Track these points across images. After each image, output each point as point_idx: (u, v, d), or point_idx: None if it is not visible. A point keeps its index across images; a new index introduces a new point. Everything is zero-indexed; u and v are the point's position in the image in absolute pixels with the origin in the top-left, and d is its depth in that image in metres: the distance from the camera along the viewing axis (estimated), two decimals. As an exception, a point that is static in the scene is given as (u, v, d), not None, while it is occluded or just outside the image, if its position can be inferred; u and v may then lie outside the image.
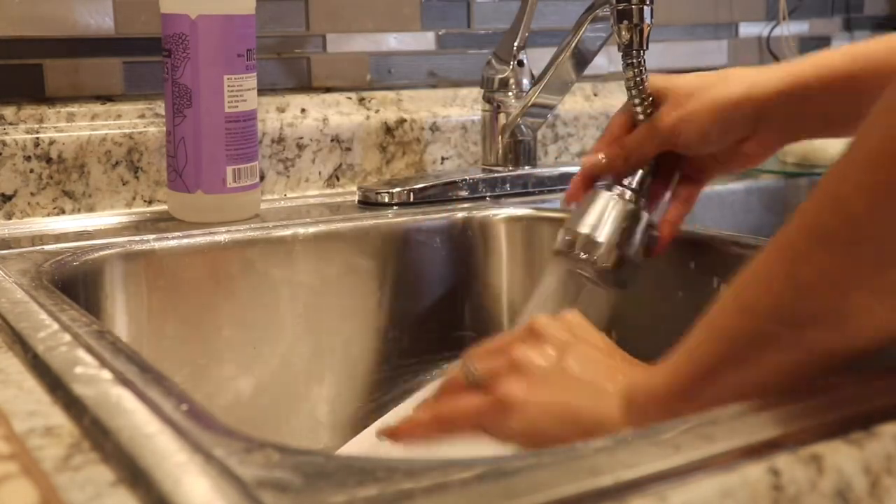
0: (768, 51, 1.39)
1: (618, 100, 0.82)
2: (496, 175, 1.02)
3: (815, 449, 0.41)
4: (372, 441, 0.64)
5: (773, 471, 0.40)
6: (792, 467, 0.40)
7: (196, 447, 0.41)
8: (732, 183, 1.10)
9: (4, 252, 0.77)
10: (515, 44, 1.02)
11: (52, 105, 0.94)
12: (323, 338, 0.88)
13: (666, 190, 0.79)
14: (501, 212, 0.96)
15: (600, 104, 1.20)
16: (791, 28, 1.39)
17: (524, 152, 1.04)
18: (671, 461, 0.40)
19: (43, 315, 0.60)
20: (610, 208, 0.75)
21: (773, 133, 0.73)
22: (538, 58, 1.02)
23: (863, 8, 1.49)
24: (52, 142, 0.91)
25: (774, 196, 1.14)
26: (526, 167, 1.04)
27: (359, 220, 0.91)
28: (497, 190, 1.02)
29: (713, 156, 0.77)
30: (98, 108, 0.95)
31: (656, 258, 0.78)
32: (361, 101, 1.07)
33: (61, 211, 0.92)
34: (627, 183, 0.76)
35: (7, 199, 0.90)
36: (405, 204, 0.96)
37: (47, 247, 0.79)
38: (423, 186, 0.98)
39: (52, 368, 0.51)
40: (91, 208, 0.93)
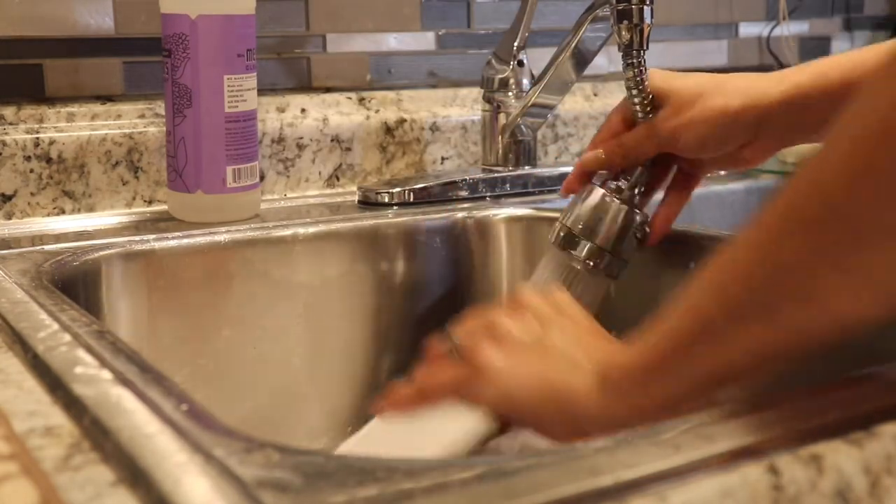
0: (768, 51, 1.39)
1: (618, 100, 0.82)
2: (496, 175, 1.02)
3: (815, 449, 0.41)
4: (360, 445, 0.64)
5: (773, 471, 0.40)
6: (792, 467, 0.40)
7: (196, 447, 0.41)
8: (732, 183, 1.10)
9: (4, 252, 0.77)
10: (515, 44, 1.02)
11: (52, 105, 0.94)
12: (323, 338, 0.88)
13: (661, 186, 0.80)
14: (501, 212, 0.96)
15: (600, 104, 1.20)
16: (791, 28, 1.39)
17: (524, 152, 1.04)
18: (671, 461, 0.40)
19: (43, 315, 0.60)
20: (605, 204, 0.76)
21: (772, 140, 0.74)
22: (538, 58, 1.02)
23: (863, 8, 1.49)
24: (52, 142, 0.91)
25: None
26: (526, 167, 1.04)
27: (359, 220, 0.91)
28: (497, 190, 1.02)
29: (711, 157, 0.77)
30: (98, 108, 0.95)
31: (655, 257, 0.78)
32: (361, 101, 1.07)
33: (61, 211, 0.92)
34: (623, 179, 0.77)
35: (7, 199, 0.90)
36: (405, 204, 0.96)
37: (47, 247, 0.79)
38: (423, 186, 0.98)
39: (52, 368, 0.51)
40: (91, 208, 0.93)
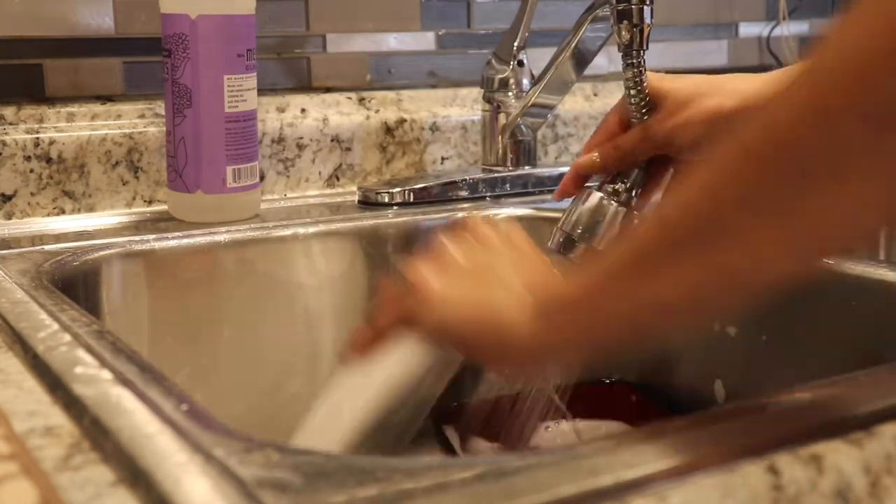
0: (768, 51, 1.39)
1: (617, 100, 0.82)
2: (496, 175, 1.02)
3: (815, 449, 0.41)
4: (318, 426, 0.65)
5: (773, 471, 0.40)
6: (792, 467, 0.40)
7: (196, 447, 0.41)
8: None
9: (4, 252, 0.77)
10: (515, 44, 1.02)
11: (52, 105, 0.94)
12: (323, 337, 0.88)
13: (659, 188, 0.80)
14: (501, 212, 0.96)
15: (600, 104, 1.19)
16: (791, 28, 1.39)
17: (524, 152, 1.04)
18: (671, 461, 0.40)
19: (43, 315, 0.60)
20: (603, 207, 0.76)
21: None
22: (538, 58, 1.02)
23: (863, 8, 1.49)
24: (52, 142, 0.91)
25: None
26: (526, 167, 1.04)
27: (359, 220, 0.91)
28: (497, 190, 1.02)
29: None
30: (98, 108, 0.95)
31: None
32: (361, 101, 1.07)
33: (61, 211, 0.92)
34: (620, 182, 0.77)
35: (7, 199, 0.90)
36: (405, 204, 0.96)
37: (47, 247, 0.79)
38: (423, 186, 0.98)
39: (52, 368, 0.51)
40: (91, 208, 0.93)
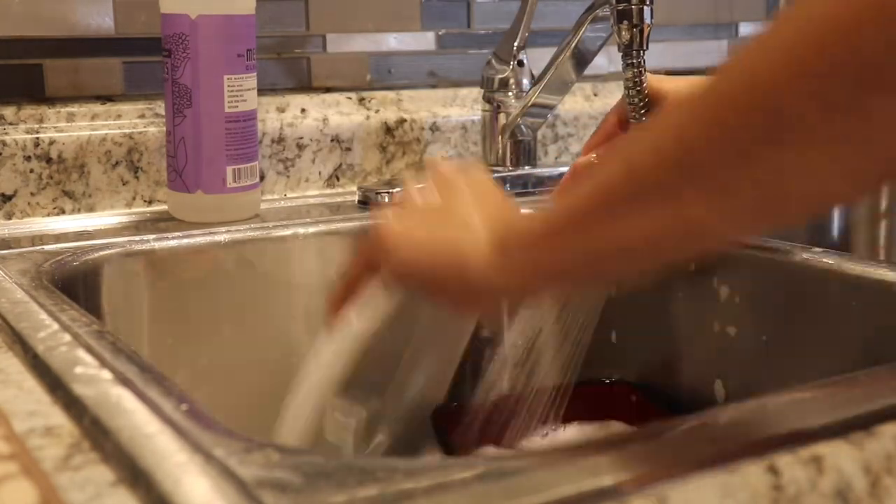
0: (768, 51, 1.38)
1: (617, 100, 0.82)
2: (496, 175, 1.02)
3: (815, 449, 0.41)
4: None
5: (773, 471, 0.40)
6: (792, 467, 0.40)
7: (196, 447, 0.41)
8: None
9: (4, 252, 0.77)
10: (515, 44, 1.02)
11: (52, 105, 0.94)
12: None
13: None
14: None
15: (600, 104, 1.19)
16: (791, 28, 1.39)
17: (524, 152, 1.04)
18: (671, 461, 0.40)
19: (43, 315, 0.60)
20: None
21: None
22: (538, 58, 1.02)
23: (863, 8, 1.49)
24: (52, 142, 0.91)
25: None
26: (526, 167, 1.04)
27: (359, 220, 0.91)
28: (497, 190, 1.01)
29: None
30: (98, 108, 0.95)
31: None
32: (361, 101, 1.07)
33: (61, 211, 0.91)
34: None
35: (7, 199, 0.90)
36: (405, 204, 0.96)
37: (47, 247, 0.79)
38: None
39: (52, 368, 0.51)
40: (91, 208, 0.93)
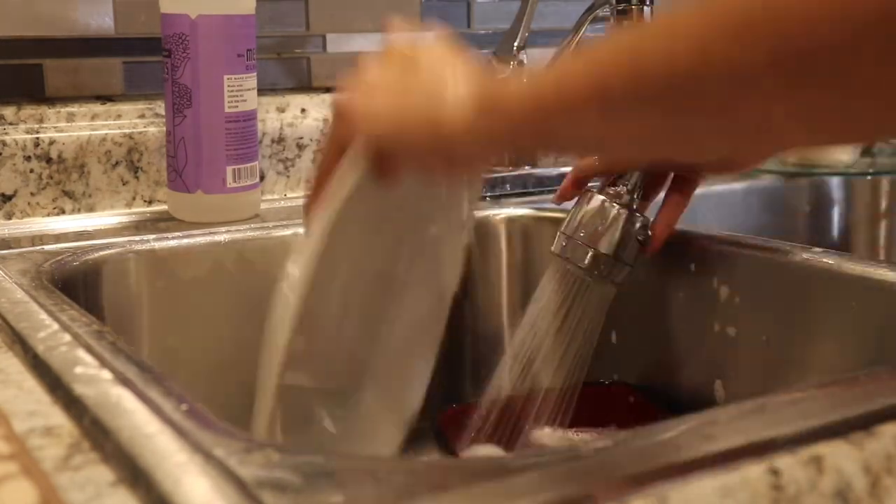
0: (768, 51, 1.38)
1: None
2: (496, 175, 1.02)
3: (815, 449, 0.41)
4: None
5: (773, 471, 0.40)
6: (792, 467, 0.40)
7: (196, 447, 0.41)
8: (732, 183, 1.10)
9: (4, 252, 0.77)
10: (515, 44, 1.02)
11: (52, 105, 0.94)
12: (323, 338, 0.88)
13: (660, 190, 0.79)
14: (501, 212, 0.96)
15: (600, 104, 1.19)
16: (791, 28, 1.38)
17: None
18: (671, 461, 0.40)
19: (43, 315, 0.60)
20: (605, 210, 0.75)
21: None
22: (538, 58, 1.02)
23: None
24: (52, 142, 0.91)
25: (774, 196, 1.14)
26: (526, 167, 1.04)
27: (359, 220, 0.91)
28: (497, 190, 1.01)
29: (707, 160, 0.77)
30: (98, 108, 0.95)
31: (656, 258, 0.78)
32: (361, 101, 1.07)
33: (61, 211, 0.92)
34: (621, 184, 0.77)
35: (7, 199, 0.90)
36: (405, 204, 0.96)
37: (47, 247, 0.79)
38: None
39: (52, 368, 0.51)
40: (91, 208, 0.93)
